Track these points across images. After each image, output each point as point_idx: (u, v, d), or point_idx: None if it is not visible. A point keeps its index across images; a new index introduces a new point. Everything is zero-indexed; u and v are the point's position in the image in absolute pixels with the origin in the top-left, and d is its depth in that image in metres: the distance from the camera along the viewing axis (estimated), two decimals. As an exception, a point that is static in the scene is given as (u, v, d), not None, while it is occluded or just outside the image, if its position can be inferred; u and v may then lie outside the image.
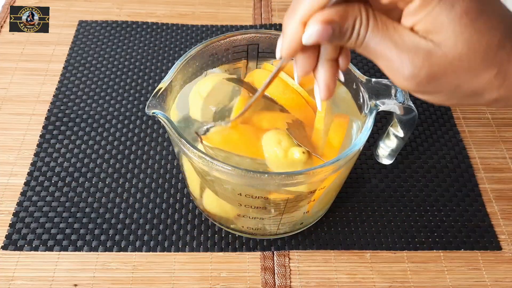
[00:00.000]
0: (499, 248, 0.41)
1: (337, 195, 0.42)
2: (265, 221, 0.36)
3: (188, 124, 0.35)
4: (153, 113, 0.32)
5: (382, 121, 0.50)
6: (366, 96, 0.35)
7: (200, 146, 0.33)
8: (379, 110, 0.34)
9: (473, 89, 0.24)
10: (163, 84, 0.34)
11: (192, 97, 0.37)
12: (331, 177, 0.33)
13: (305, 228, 0.41)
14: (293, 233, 0.40)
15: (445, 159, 0.47)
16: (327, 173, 0.32)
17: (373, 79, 0.35)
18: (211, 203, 0.38)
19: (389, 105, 0.34)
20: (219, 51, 0.38)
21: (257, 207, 0.34)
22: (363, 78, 0.36)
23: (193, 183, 0.39)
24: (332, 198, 0.40)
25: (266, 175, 0.30)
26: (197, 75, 0.38)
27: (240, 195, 0.33)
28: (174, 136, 0.32)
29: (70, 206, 0.42)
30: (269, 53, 0.40)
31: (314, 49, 0.26)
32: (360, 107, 0.36)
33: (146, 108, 0.32)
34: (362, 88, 0.35)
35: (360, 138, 0.32)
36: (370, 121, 0.33)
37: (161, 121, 0.32)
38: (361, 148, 0.32)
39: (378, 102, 0.34)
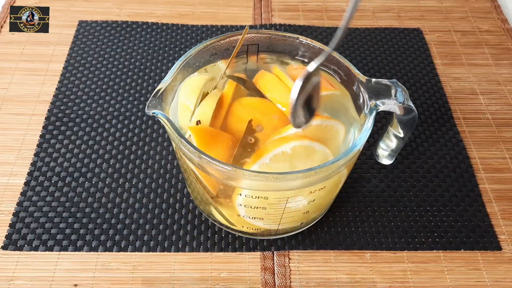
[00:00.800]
0: (499, 248, 0.41)
1: (337, 195, 0.42)
2: (265, 221, 0.36)
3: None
4: (153, 113, 0.32)
5: (382, 121, 0.50)
6: (366, 96, 0.35)
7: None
8: (379, 110, 0.34)
9: None
10: (163, 84, 0.34)
11: (181, 111, 0.36)
12: (331, 177, 0.33)
13: (305, 228, 0.41)
14: (293, 233, 0.40)
15: (445, 159, 0.47)
16: (327, 173, 0.32)
17: (373, 79, 0.35)
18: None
19: (389, 105, 0.34)
20: (219, 51, 0.38)
21: (256, 207, 0.34)
22: (363, 78, 0.35)
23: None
24: (332, 198, 0.40)
25: (266, 175, 0.30)
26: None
27: (240, 195, 0.33)
28: (174, 136, 0.32)
29: (70, 206, 0.42)
30: (269, 53, 0.40)
31: None
32: (360, 107, 0.36)
33: (146, 108, 0.32)
34: (362, 88, 0.35)
35: (360, 138, 0.32)
36: (370, 121, 0.33)
37: (161, 121, 0.32)
38: (361, 148, 0.32)
39: (378, 102, 0.34)
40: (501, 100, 0.53)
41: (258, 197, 0.32)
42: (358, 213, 0.43)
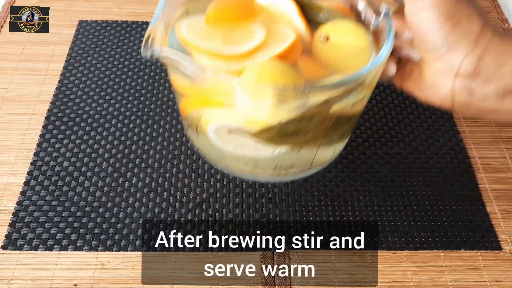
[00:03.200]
0: (499, 248, 0.41)
1: (337, 195, 0.42)
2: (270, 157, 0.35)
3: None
4: (151, 53, 0.29)
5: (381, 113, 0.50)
6: (371, 9, 0.33)
7: None
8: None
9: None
10: (152, 31, 0.30)
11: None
12: (345, 101, 0.31)
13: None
14: (303, 175, 0.38)
15: (445, 159, 0.47)
16: (348, 88, 0.30)
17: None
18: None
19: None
20: None
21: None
22: None
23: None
24: (344, 136, 0.38)
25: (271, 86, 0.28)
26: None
27: None
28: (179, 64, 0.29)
29: (70, 206, 0.42)
30: None
31: None
32: (367, 23, 0.34)
33: (141, 53, 0.29)
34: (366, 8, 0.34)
35: (385, 47, 0.30)
36: (390, 25, 0.31)
37: (161, 57, 0.30)
38: (385, 61, 0.30)
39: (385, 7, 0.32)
40: (501, 100, 0.53)
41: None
42: (358, 213, 0.43)
